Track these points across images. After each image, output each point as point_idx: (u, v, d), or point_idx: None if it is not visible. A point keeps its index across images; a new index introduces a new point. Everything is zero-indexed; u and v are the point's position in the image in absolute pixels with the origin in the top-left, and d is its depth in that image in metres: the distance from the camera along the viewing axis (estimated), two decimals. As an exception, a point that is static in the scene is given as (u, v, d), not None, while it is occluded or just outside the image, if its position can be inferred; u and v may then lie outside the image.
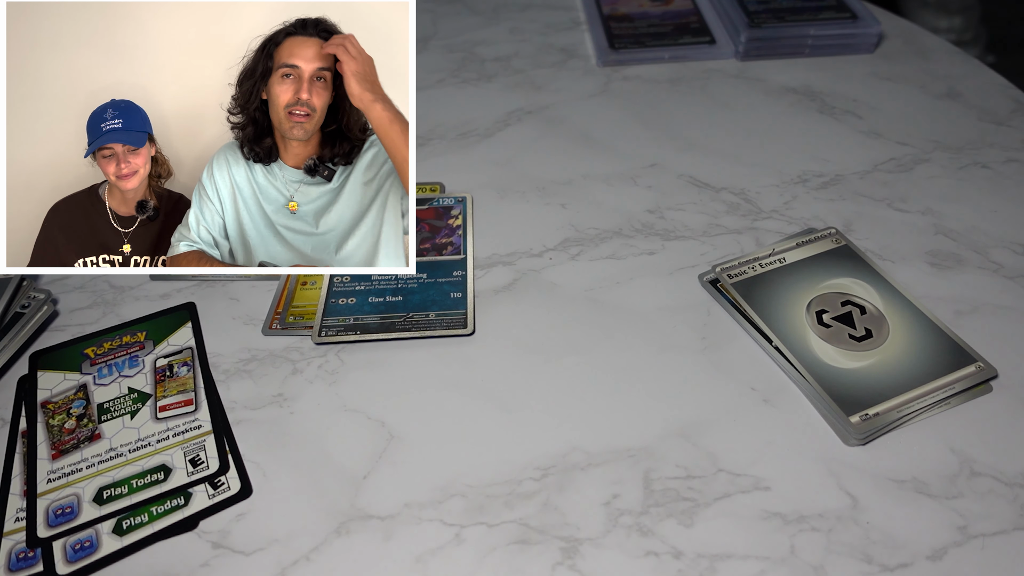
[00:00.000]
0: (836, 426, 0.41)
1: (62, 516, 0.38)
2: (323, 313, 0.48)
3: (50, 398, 0.44)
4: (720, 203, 0.57)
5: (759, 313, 0.47)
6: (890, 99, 0.67)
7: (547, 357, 0.46)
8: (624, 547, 0.37)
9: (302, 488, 0.40)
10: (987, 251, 0.52)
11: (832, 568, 0.36)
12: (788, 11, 0.74)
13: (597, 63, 0.74)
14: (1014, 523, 0.37)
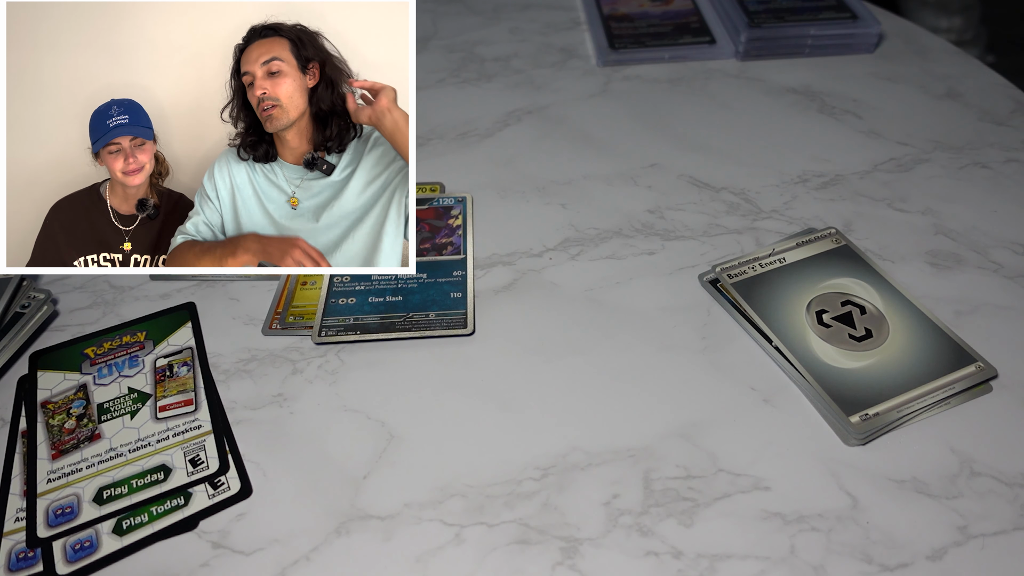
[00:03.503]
0: (836, 426, 0.41)
1: (62, 516, 0.38)
2: (323, 313, 0.48)
3: (50, 398, 0.44)
4: (720, 203, 0.57)
5: (759, 313, 0.47)
6: (890, 99, 0.67)
7: (547, 357, 0.46)
8: (624, 547, 0.37)
9: (302, 488, 0.40)
10: (987, 251, 0.52)
11: (832, 568, 0.36)
12: (788, 11, 0.74)
13: (597, 63, 0.74)
14: (1014, 523, 0.37)
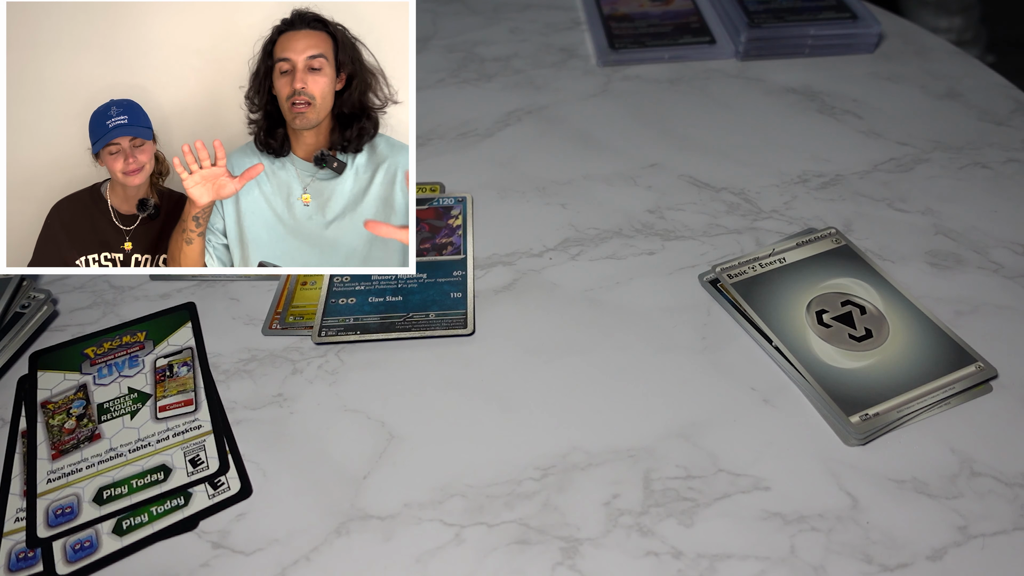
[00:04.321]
0: (836, 426, 0.41)
1: (62, 516, 0.38)
2: (323, 313, 0.48)
3: (50, 398, 0.44)
4: (720, 203, 0.57)
5: (759, 313, 0.47)
6: (890, 99, 0.67)
7: (547, 357, 0.46)
8: (624, 547, 0.37)
9: (302, 488, 0.40)
10: (987, 251, 0.52)
11: (832, 568, 0.36)
12: (788, 11, 0.74)
13: (597, 63, 0.74)
14: (1014, 523, 0.37)
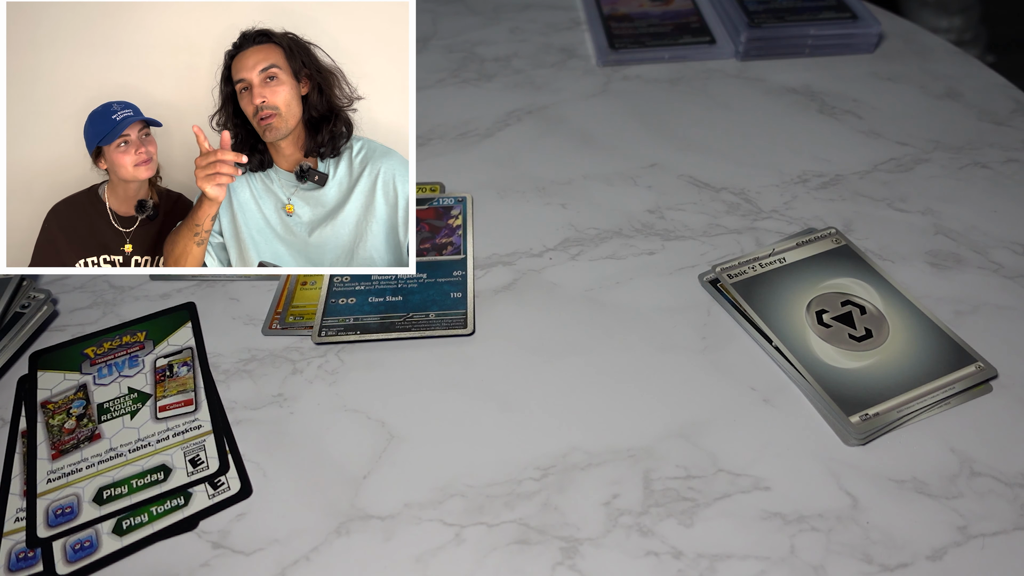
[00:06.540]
0: (836, 426, 0.41)
1: (62, 516, 0.38)
2: (323, 313, 0.48)
3: (50, 398, 0.44)
4: (720, 203, 0.57)
5: (759, 313, 0.47)
6: (890, 99, 0.67)
7: (547, 357, 0.46)
8: (624, 547, 0.37)
9: (302, 488, 0.40)
10: (987, 251, 0.52)
11: (832, 568, 0.36)
12: (788, 11, 0.74)
13: (597, 63, 0.74)
14: (1014, 523, 0.37)
